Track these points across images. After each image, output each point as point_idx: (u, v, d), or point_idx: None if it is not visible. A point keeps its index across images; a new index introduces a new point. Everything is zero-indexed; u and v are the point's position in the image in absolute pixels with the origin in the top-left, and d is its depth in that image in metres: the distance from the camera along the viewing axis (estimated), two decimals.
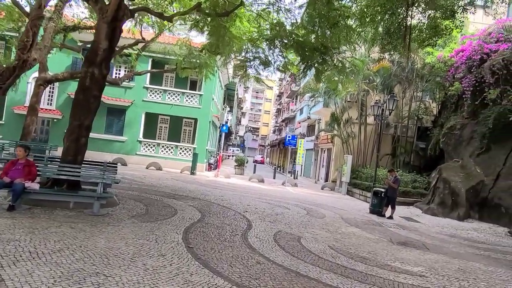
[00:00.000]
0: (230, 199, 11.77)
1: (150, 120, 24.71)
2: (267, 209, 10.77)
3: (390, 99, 13.92)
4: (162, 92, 24.29)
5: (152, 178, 15.08)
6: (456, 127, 17.03)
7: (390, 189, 12.37)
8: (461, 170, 14.93)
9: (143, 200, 9.13)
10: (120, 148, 23.62)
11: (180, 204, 9.33)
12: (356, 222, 10.47)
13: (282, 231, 7.77)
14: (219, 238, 6.34)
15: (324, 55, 11.37)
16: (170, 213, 8.00)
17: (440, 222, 12.71)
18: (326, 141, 26.34)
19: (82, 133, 7.89)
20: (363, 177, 19.87)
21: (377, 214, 12.76)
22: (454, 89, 17.06)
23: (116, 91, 23.63)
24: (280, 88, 68.89)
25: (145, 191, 10.84)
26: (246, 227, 7.64)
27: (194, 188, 13.72)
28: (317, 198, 16.46)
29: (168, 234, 6.13)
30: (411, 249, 7.74)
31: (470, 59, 16.52)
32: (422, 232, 10.16)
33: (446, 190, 14.32)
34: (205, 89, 24.36)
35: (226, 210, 9.50)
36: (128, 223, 6.52)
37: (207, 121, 24.47)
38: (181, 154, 24.07)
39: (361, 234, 8.70)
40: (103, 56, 7.89)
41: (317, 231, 8.36)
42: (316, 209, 12.27)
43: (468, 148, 16.06)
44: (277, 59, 13.59)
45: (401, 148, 21.60)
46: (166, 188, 12.40)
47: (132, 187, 11.58)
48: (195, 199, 10.68)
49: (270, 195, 14.83)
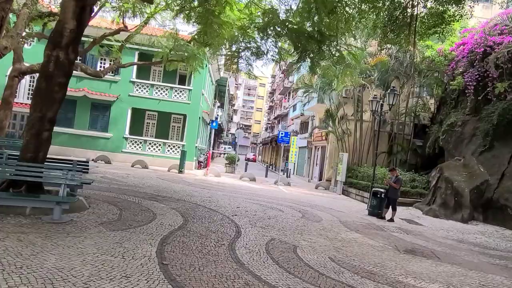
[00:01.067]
0: (219, 201, 10.79)
1: (136, 116, 23.57)
2: (259, 211, 9.82)
3: (391, 94, 13.02)
4: (149, 86, 23.15)
5: (135, 177, 14.02)
6: (457, 123, 16.25)
7: (391, 189, 11.50)
8: (464, 169, 14.14)
9: (119, 203, 8.10)
10: (105, 145, 22.45)
11: (161, 208, 8.32)
12: (355, 226, 9.56)
13: (275, 239, 6.82)
14: (201, 251, 5.36)
15: (320, 44, 10.42)
16: (147, 218, 6.99)
17: (443, 224, 11.89)
18: (320, 139, 25.45)
19: (44, 126, 6.83)
20: (359, 176, 19.02)
21: (376, 216, 11.89)
22: (455, 84, 16.27)
23: (101, 86, 22.50)
24: (273, 85, 67.93)
25: (124, 192, 9.80)
26: (235, 235, 6.67)
27: (180, 188, 12.70)
28: (312, 198, 15.56)
29: (139, 246, 5.14)
30: (421, 259, 6.85)
31: (472, 53, 15.73)
32: (427, 237, 9.29)
33: (448, 190, 13.51)
34: (194, 84, 23.28)
35: (213, 214, 8.52)
36: (93, 232, 5.50)
37: (197, 117, 23.40)
38: (169, 152, 22.99)
39: (363, 241, 7.79)
40: (70, 37, 6.82)
41: (314, 238, 7.42)
42: (312, 211, 11.35)
43: (470, 146, 15.29)
44: (270, 49, 12.62)
45: (398, 146, 20.80)
46: (148, 189, 11.36)
47: (110, 187, 10.52)
48: (179, 201, 9.68)
49: (262, 196, 13.88)
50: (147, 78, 23.70)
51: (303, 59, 11.28)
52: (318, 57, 10.76)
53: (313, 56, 10.78)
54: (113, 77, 22.74)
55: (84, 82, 22.37)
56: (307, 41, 10.51)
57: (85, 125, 22.55)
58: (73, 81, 22.69)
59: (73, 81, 22.48)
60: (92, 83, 22.41)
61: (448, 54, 17.42)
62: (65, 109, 22.69)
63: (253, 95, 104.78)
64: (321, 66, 11.75)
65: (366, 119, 21.51)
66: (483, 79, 15.02)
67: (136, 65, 23.04)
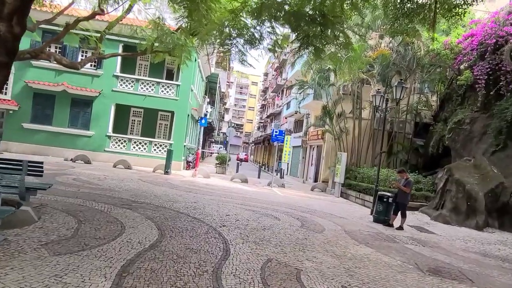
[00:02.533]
0: (205, 207, 9.40)
1: (121, 113, 22.03)
2: (252, 220, 8.45)
3: (398, 86, 11.72)
4: (134, 81, 21.62)
5: (114, 180, 12.55)
6: (465, 121, 15.07)
7: (401, 193, 10.21)
8: (475, 171, 12.95)
9: (81, 213, 6.66)
10: (86, 144, 20.87)
11: (133, 218, 6.90)
12: (363, 237, 8.26)
13: (272, 259, 5.46)
14: (175, 284, 3.98)
15: (324, 28, 9.08)
16: (112, 233, 5.58)
17: (457, 232, 10.66)
18: (316, 138, 24.16)
19: None
20: (359, 178, 17.77)
21: (382, 223, 10.61)
22: (463, 79, 15.09)
23: (82, 80, 20.96)
24: (265, 83, 66.63)
25: (93, 198, 8.36)
26: (222, 255, 5.30)
27: (163, 192, 11.27)
28: (309, 202, 14.24)
29: (88, 280, 3.73)
30: (452, 283, 5.55)
31: (482, 44, 14.56)
32: (447, 250, 8.03)
33: (459, 193, 12.29)
34: (183, 79, 21.82)
35: (197, 225, 7.13)
36: (29, 259, 4.08)
37: (185, 114, 21.93)
38: (155, 151, 21.49)
39: (378, 258, 6.47)
40: (14, 5, 5.36)
41: (320, 255, 6.08)
42: (311, 218, 10.01)
43: (480, 145, 14.12)
44: (266, 36, 11.21)
45: (399, 145, 19.60)
46: (125, 193, 9.92)
47: (79, 192, 9.07)
48: (158, 209, 8.27)
49: (255, 200, 12.52)
50: (132, 73, 22.17)
51: (304, 46, 9.91)
52: (322, 43, 9.40)
53: (316, 43, 9.42)
54: (95, 71, 21.21)
55: (64, 76, 20.80)
56: (308, 25, 9.18)
57: (65, 122, 20.97)
58: (51, 75, 21.15)
59: (52, 75, 20.91)
60: (72, 77, 20.84)
61: (454, 46, 16.23)
62: (43, 104, 21.13)
63: (245, 94, 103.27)
64: (325, 53, 10.38)
65: (365, 116, 20.29)
66: (494, 72, 13.86)
67: (120, 59, 21.59)
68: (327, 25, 9.12)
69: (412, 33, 11.29)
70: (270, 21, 10.40)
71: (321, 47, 9.83)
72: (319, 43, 9.66)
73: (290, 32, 10.91)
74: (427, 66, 17.82)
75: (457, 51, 16.14)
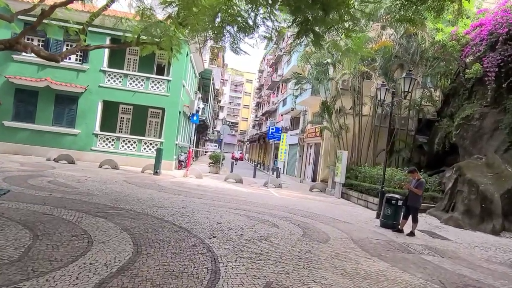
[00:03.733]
0: (194, 213, 8.33)
1: (109, 110, 20.87)
2: (247, 228, 7.41)
3: (407, 78, 10.70)
4: (123, 76, 20.44)
5: (95, 181, 11.44)
6: (474, 116, 14.16)
7: (412, 196, 9.21)
8: (488, 170, 12.01)
9: (42, 224, 5.57)
10: (71, 142, 19.71)
11: (106, 229, 5.83)
12: (374, 247, 7.24)
13: (273, 282, 4.43)
14: None
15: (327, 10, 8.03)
16: (73, 253, 4.51)
17: (473, 238, 9.70)
18: (314, 135, 23.16)
19: None
20: (360, 177, 16.79)
21: (391, 228, 9.62)
22: (472, 72, 14.14)
23: (67, 75, 19.78)
24: (260, 80, 65.54)
25: (64, 205, 7.26)
26: (209, 280, 4.24)
27: (148, 195, 10.18)
28: (309, 204, 13.22)
29: None
30: None
31: (492, 34, 13.63)
32: (468, 261, 7.04)
33: (472, 194, 11.33)
34: (174, 74, 20.68)
35: (183, 237, 6.07)
36: None
37: (177, 111, 20.79)
38: (145, 150, 20.36)
39: (396, 276, 5.45)
40: None
41: (328, 274, 5.06)
42: (313, 224, 8.99)
43: (491, 142, 13.20)
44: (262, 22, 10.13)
45: (401, 142, 18.66)
46: (104, 197, 8.82)
47: (50, 197, 7.96)
48: (139, 216, 7.19)
49: (250, 203, 11.47)
50: (120, 67, 20.98)
51: (303, 33, 8.85)
52: (323, 28, 8.35)
53: (317, 27, 8.37)
54: (81, 65, 20.03)
55: (47, 71, 19.61)
56: (309, 7, 8.13)
57: (49, 120, 19.77)
58: (34, 70, 19.89)
59: (34, 69, 19.68)
60: (56, 72, 19.67)
61: (462, 37, 15.28)
62: (25, 101, 19.88)
63: (240, 92, 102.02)
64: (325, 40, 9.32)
65: (365, 113, 19.32)
66: (506, 64, 12.95)
67: (108, 53, 20.43)
68: (330, 7, 8.07)
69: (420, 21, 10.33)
70: (266, 6, 9.32)
71: (321, 34, 8.76)
72: (320, 29, 8.59)
73: (287, 17, 9.80)
74: (431, 59, 16.88)
75: (465, 42, 15.20)
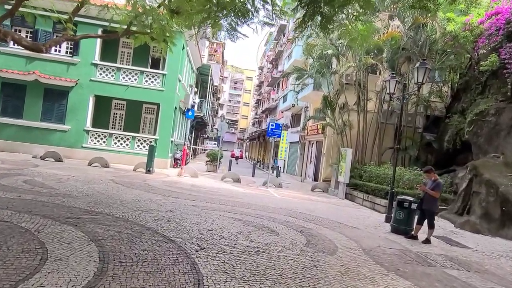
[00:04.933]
0: (183, 218, 7.35)
1: (101, 105, 19.94)
2: (242, 237, 6.43)
3: (421, 68, 9.69)
4: (116, 70, 19.46)
5: (78, 181, 10.45)
6: (489, 112, 13.16)
7: (428, 199, 8.23)
8: (508, 169, 11.02)
9: None
10: (61, 139, 18.75)
11: (71, 241, 4.84)
12: (389, 260, 6.25)
13: None
14: None
15: None
16: (15, 275, 3.51)
17: (494, 245, 8.72)
18: (316, 132, 22.15)
19: None
20: (365, 177, 15.80)
21: (403, 234, 8.65)
22: (488, 64, 13.14)
23: (56, 68, 18.81)
24: (260, 77, 64.51)
25: (30, 209, 6.27)
26: None
27: (134, 196, 9.19)
28: (311, 206, 12.24)
29: None
30: None
31: (510, 23, 12.64)
32: (499, 276, 6.06)
33: (491, 197, 10.34)
34: (169, 68, 19.68)
35: (164, 249, 5.08)
36: None
37: (172, 106, 19.82)
38: (139, 148, 19.39)
39: None
40: None
41: None
42: (318, 230, 8.00)
43: (509, 140, 12.20)
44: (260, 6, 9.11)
45: (408, 140, 17.66)
46: (82, 200, 7.83)
47: (17, 199, 6.96)
48: (117, 222, 6.21)
49: (248, 205, 10.48)
50: (113, 61, 20.01)
51: (311, 16, 7.80)
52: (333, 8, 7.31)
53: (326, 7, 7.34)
54: (71, 58, 19.06)
55: (36, 64, 18.66)
56: None
57: (37, 115, 18.81)
58: (21, 63, 18.84)
59: (22, 62, 18.66)
60: (45, 65, 18.72)
61: (475, 27, 14.27)
62: (13, 96, 18.86)
63: (240, 89, 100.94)
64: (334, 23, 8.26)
65: (370, 109, 18.32)
66: None
67: (100, 45, 19.43)
68: None
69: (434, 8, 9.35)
70: None
71: (330, 15, 7.72)
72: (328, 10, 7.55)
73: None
74: (440, 52, 15.88)
75: (478, 32, 14.19)
